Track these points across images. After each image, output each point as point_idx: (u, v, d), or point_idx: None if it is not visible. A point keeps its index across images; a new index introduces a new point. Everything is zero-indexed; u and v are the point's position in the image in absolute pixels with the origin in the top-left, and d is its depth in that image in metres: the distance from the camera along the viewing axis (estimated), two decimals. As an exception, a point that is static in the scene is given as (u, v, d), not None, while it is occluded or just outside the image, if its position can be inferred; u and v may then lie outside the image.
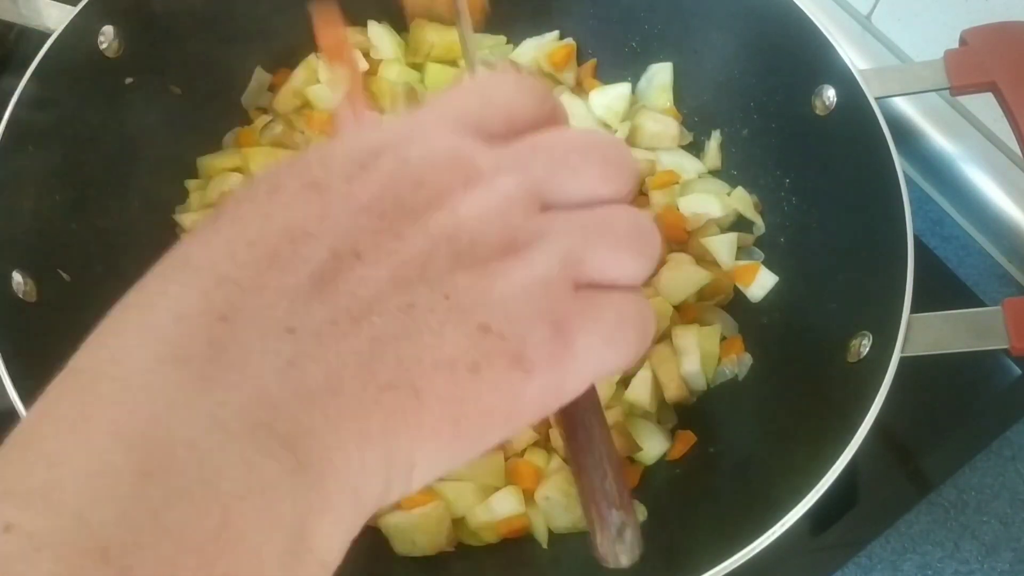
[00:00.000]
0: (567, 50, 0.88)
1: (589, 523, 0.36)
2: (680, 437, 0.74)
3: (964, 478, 0.79)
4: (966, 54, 0.67)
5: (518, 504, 0.69)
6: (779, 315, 0.77)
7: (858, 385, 0.60)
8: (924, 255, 0.83)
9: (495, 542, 0.70)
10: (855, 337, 0.64)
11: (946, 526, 0.77)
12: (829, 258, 0.73)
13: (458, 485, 0.69)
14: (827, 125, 0.73)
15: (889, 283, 0.62)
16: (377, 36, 0.88)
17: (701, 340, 0.75)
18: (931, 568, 0.75)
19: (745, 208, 0.81)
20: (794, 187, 0.79)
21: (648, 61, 0.88)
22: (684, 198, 0.82)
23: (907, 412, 0.66)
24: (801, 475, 0.57)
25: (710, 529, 0.65)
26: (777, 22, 0.75)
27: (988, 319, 0.59)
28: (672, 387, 0.74)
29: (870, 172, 0.68)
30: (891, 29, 0.93)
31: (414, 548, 0.67)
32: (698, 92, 0.87)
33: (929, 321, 0.60)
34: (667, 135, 0.85)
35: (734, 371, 0.76)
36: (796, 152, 0.78)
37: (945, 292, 0.85)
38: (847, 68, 0.70)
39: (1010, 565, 0.75)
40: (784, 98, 0.78)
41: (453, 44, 0.88)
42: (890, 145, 0.66)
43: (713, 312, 0.79)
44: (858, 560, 0.75)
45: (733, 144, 0.85)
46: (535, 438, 0.71)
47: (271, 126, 0.83)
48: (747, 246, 0.81)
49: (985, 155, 0.88)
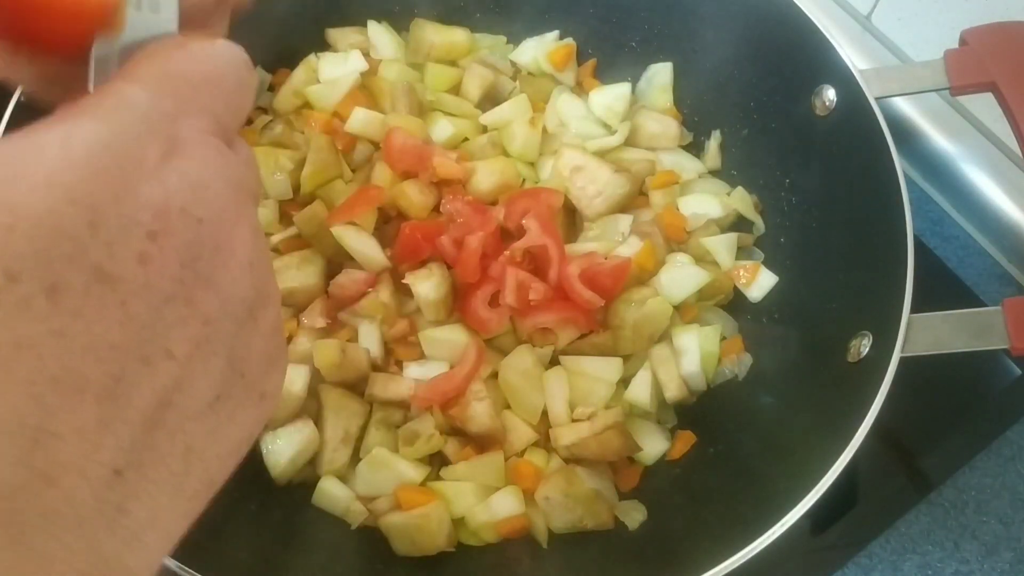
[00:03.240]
0: (567, 50, 0.88)
1: None
2: (680, 437, 0.74)
3: (964, 478, 0.79)
4: (966, 54, 0.67)
5: (518, 504, 0.69)
6: (779, 315, 0.77)
7: (858, 385, 0.60)
8: (924, 255, 0.83)
9: (495, 542, 0.70)
10: (855, 337, 0.64)
11: (946, 526, 0.77)
12: (829, 258, 0.73)
13: (458, 485, 0.69)
14: (827, 125, 0.73)
15: (889, 283, 0.62)
16: (377, 36, 0.88)
17: (701, 340, 0.75)
18: (931, 568, 0.75)
19: (745, 208, 0.82)
20: (794, 187, 0.79)
21: (648, 61, 0.88)
22: (684, 198, 0.82)
23: (907, 412, 0.66)
24: (801, 475, 0.57)
25: (710, 529, 0.65)
26: (777, 22, 0.75)
27: (988, 319, 0.59)
28: (672, 387, 0.74)
29: (870, 172, 0.68)
30: (891, 29, 0.93)
31: (414, 548, 0.67)
32: (698, 92, 0.87)
33: (929, 321, 0.60)
34: (667, 135, 0.85)
35: (734, 371, 0.76)
36: (796, 152, 0.78)
37: (945, 292, 0.85)
38: (847, 68, 0.70)
39: (1010, 565, 0.75)
40: (784, 98, 0.78)
41: (453, 44, 0.88)
42: (890, 145, 0.66)
43: (713, 312, 0.79)
44: (858, 560, 0.75)
45: (733, 144, 0.85)
46: (535, 438, 0.71)
47: (271, 126, 0.83)
48: (747, 246, 0.81)
49: (985, 155, 0.88)
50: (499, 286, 0.72)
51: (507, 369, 0.72)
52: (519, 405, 0.72)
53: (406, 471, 0.69)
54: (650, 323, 0.74)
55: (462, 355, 0.72)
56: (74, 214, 0.23)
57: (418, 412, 0.71)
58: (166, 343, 0.24)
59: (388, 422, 0.71)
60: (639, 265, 0.76)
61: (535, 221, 0.74)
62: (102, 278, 0.23)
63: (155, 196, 0.24)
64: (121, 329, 0.23)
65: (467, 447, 0.71)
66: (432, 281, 0.72)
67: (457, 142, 0.84)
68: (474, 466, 0.70)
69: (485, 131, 0.85)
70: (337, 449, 0.70)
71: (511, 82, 0.89)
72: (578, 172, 0.80)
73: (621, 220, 0.80)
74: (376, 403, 0.71)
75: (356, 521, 0.69)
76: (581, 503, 0.68)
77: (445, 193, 0.78)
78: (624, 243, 0.78)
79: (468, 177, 0.79)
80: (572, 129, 0.85)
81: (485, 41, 0.91)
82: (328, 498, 0.69)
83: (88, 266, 0.23)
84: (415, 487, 0.69)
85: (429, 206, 0.77)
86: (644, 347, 0.75)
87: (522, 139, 0.83)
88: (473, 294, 0.73)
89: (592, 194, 0.79)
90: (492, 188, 0.79)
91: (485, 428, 0.70)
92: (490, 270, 0.73)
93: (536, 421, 0.72)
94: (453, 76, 0.87)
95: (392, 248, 0.75)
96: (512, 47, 0.91)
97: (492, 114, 0.84)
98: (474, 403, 0.70)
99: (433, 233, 0.74)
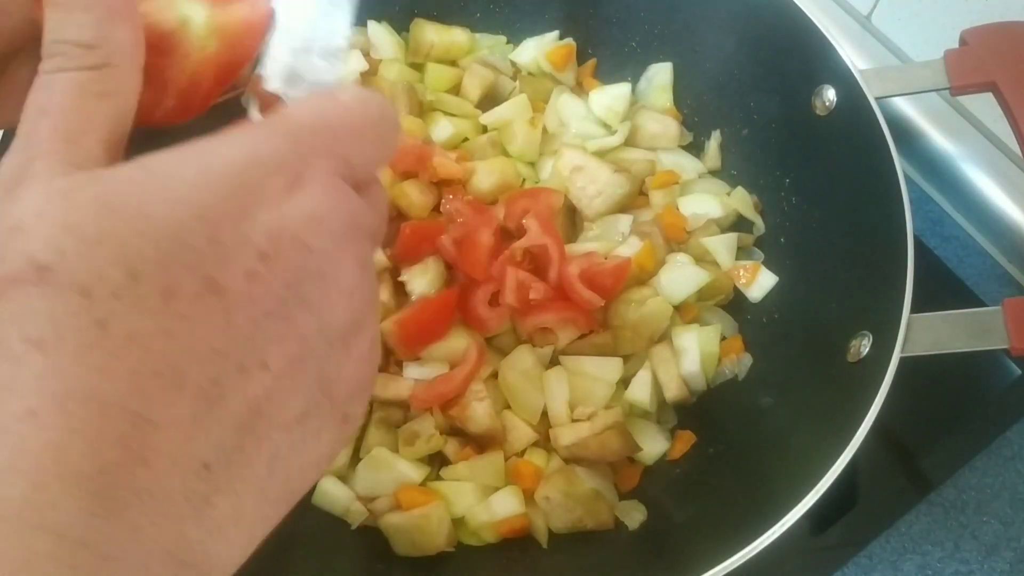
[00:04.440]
0: (567, 50, 0.88)
1: None
2: (680, 437, 0.74)
3: (964, 478, 0.79)
4: (966, 54, 0.67)
5: (518, 504, 0.69)
6: (779, 315, 0.77)
7: (858, 385, 0.60)
8: (924, 255, 0.83)
9: (495, 542, 0.70)
10: (855, 337, 0.64)
11: (946, 526, 0.77)
12: (829, 258, 0.73)
13: (458, 485, 0.69)
14: (827, 125, 0.73)
15: (889, 283, 0.62)
16: (377, 36, 0.88)
17: (701, 340, 0.75)
18: (931, 568, 0.75)
19: (745, 208, 0.82)
20: (794, 187, 0.79)
21: (648, 61, 0.88)
22: (684, 198, 0.82)
23: (907, 412, 0.66)
24: (801, 475, 0.57)
25: (710, 529, 0.65)
26: (777, 22, 0.75)
27: (988, 319, 0.59)
28: (672, 387, 0.74)
29: (870, 172, 0.68)
30: (891, 29, 0.93)
31: (414, 548, 0.67)
32: (698, 92, 0.87)
33: (929, 321, 0.60)
34: (667, 135, 0.85)
35: (734, 371, 0.76)
36: (796, 152, 0.78)
37: (945, 292, 0.85)
38: (847, 68, 0.70)
39: (1010, 565, 0.75)
40: (784, 98, 0.78)
41: (453, 44, 0.88)
42: (890, 145, 0.66)
43: (713, 312, 0.79)
44: (858, 560, 0.75)
45: (733, 144, 0.85)
46: (535, 438, 0.71)
47: (271, 126, 0.83)
48: (747, 246, 0.81)
49: (985, 155, 0.88)
50: (499, 286, 0.72)
51: (507, 369, 0.72)
52: (519, 405, 0.72)
53: (406, 471, 0.69)
54: (650, 323, 0.74)
55: (462, 355, 0.72)
56: (198, 229, 0.25)
57: (418, 412, 0.71)
58: (263, 355, 0.26)
59: (388, 422, 0.71)
60: (639, 265, 0.76)
61: (535, 221, 0.74)
62: (212, 288, 0.25)
63: (272, 222, 0.27)
64: (223, 336, 0.25)
65: (467, 447, 0.71)
66: (427, 278, 0.72)
67: (457, 142, 0.84)
68: (474, 466, 0.70)
69: (485, 131, 0.85)
70: (337, 449, 0.70)
71: (511, 82, 0.89)
72: (578, 172, 0.80)
73: (621, 220, 0.80)
74: (376, 403, 0.71)
75: (356, 521, 0.69)
76: (581, 503, 0.68)
77: (445, 193, 0.78)
78: (624, 243, 0.78)
79: (468, 177, 0.79)
80: (572, 129, 0.85)
81: (485, 41, 0.91)
82: (328, 498, 0.69)
83: (202, 276, 0.25)
84: (415, 487, 0.69)
85: (429, 206, 0.77)
86: (644, 347, 0.75)
87: (522, 139, 0.83)
88: (473, 294, 0.73)
89: (592, 194, 0.79)
90: (492, 188, 0.79)
91: (485, 428, 0.70)
92: (490, 270, 0.73)
93: (536, 421, 0.72)
94: (453, 76, 0.87)
95: (392, 248, 0.75)
96: (512, 47, 0.91)
97: (492, 114, 0.84)
98: (474, 403, 0.70)
99: (433, 233, 0.74)
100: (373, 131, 0.32)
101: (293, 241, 0.27)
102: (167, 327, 0.25)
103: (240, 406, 0.26)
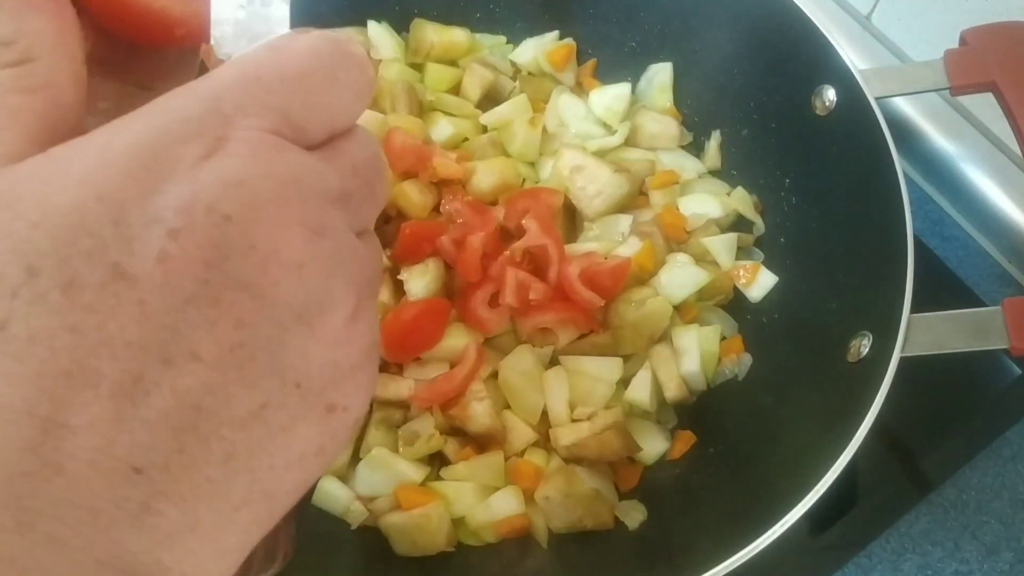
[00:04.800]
0: (567, 50, 0.88)
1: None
2: (680, 437, 0.74)
3: (964, 478, 0.79)
4: (966, 54, 0.67)
5: (518, 504, 0.69)
6: (779, 315, 0.77)
7: (858, 385, 0.60)
8: (924, 255, 0.82)
9: (495, 542, 0.70)
10: (855, 337, 0.64)
11: (946, 526, 0.77)
12: (829, 258, 0.73)
13: (458, 485, 0.69)
14: (827, 125, 0.73)
15: (889, 283, 0.62)
16: (377, 36, 0.88)
17: (701, 340, 0.75)
18: (931, 568, 0.75)
19: (745, 208, 0.82)
20: (794, 187, 0.79)
21: (648, 61, 0.88)
22: (684, 198, 0.82)
23: (907, 412, 0.66)
24: (801, 475, 0.57)
25: (710, 529, 0.65)
26: (777, 22, 0.75)
27: (988, 319, 0.59)
28: (672, 387, 0.74)
29: (870, 172, 0.68)
30: (891, 29, 0.93)
31: (414, 548, 0.67)
32: (698, 92, 0.87)
33: (929, 321, 0.60)
34: (667, 135, 0.85)
35: (734, 371, 0.76)
36: (796, 152, 0.78)
37: (945, 292, 0.85)
38: (847, 68, 0.70)
39: (1010, 565, 0.75)
40: (784, 98, 0.78)
41: (453, 44, 0.88)
42: (890, 145, 0.66)
43: (713, 312, 0.79)
44: (858, 560, 0.75)
45: (733, 144, 0.85)
46: (535, 438, 0.71)
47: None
48: (747, 246, 0.81)
49: (985, 155, 0.88)
50: (499, 286, 0.72)
51: (507, 369, 0.72)
52: (519, 405, 0.72)
53: (406, 471, 0.69)
54: (650, 323, 0.74)
55: (462, 355, 0.72)
56: (100, 211, 0.23)
57: (418, 412, 0.71)
58: (191, 345, 0.23)
59: (388, 422, 0.71)
60: (639, 265, 0.76)
61: (535, 221, 0.74)
62: (119, 275, 0.23)
63: (182, 194, 0.24)
64: (138, 327, 0.23)
65: (467, 447, 0.71)
66: (425, 279, 0.72)
67: (457, 142, 0.84)
68: (474, 466, 0.70)
69: (485, 131, 0.85)
70: (337, 449, 0.70)
71: (511, 82, 0.89)
72: (578, 172, 0.80)
73: (621, 220, 0.80)
74: (376, 403, 0.71)
75: (356, 521, 0.69)
76: (581, 503, 0.68)
77: (445, 193, 0.78)
78: (624, 243, 0.78)
79: (468, 177, 0.79)
80: (572, 129, 0.85)
81: (485, 41, 0.91)
82: (328, 498, 0.69)
83: (106, 263, 0.23)
84: (415, 487, 0.69)
85: (429, 206, 0.77)
86: (644, 347, 0.75)
87: (522, 139, 0.83)
88: (473, 294, 0.73)
89: (592, 194, 0.79)
90: (492, 188, 0.79)
91: (485, 428, 0.70)
92: (490, 270, 0.73)
93: (536, 421, 0.72)
94: (453, 76, 0.87)
95: (392, 248, 0.75)
96: (512, 47, 0.91)
97: (492, 114, 0.84)
98: (474, 403, 0.70)
99: (433, 233, 0.74)
100: (321, 76, 0.27)
101: (207, 212, 0.24)
102: (72, 322, 0.22)
103: (170, 402, 0.23)
